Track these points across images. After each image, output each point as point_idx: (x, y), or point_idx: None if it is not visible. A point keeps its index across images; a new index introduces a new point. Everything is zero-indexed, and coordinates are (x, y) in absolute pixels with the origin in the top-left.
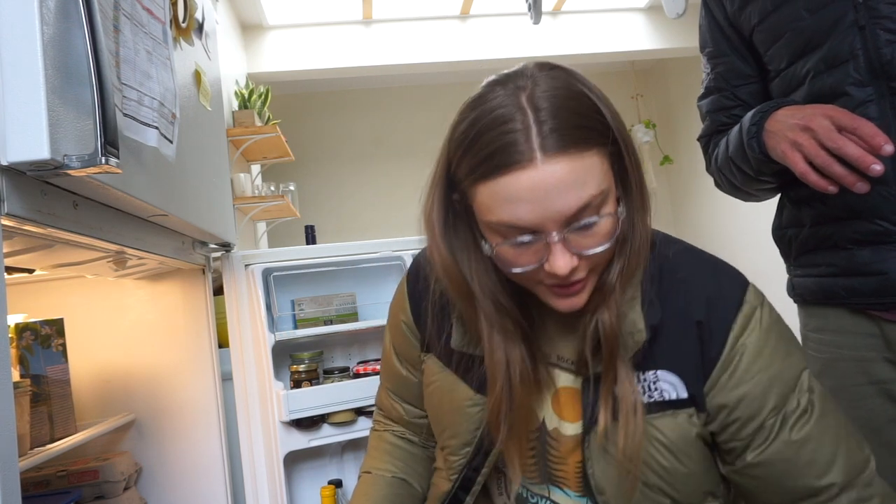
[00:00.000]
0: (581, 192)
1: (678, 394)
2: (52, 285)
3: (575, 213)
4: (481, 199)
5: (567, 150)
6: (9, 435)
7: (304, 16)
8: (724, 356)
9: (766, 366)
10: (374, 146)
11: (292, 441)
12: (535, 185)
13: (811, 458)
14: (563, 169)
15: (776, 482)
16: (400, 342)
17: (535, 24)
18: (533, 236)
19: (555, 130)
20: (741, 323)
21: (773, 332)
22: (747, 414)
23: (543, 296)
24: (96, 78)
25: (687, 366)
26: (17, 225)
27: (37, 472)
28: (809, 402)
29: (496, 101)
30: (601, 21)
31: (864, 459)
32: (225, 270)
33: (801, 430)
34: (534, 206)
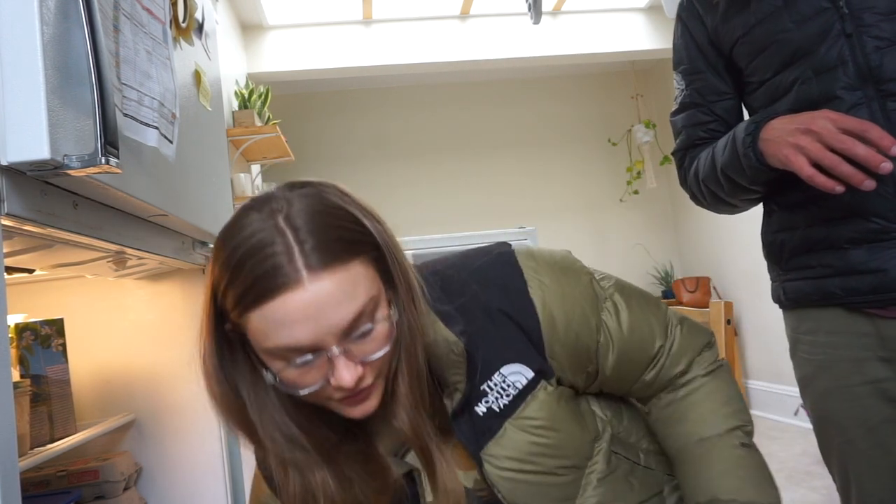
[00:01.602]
0: (352, 303)
1: (527, 376)
2: (52, 285)
3: (350, 324)
4: (255, 327)
5: (331, 265)
6: (9, 435)
7: (304, 16)
8: (542, 316)
9: (572, 299)
10: (373, 146)
11: None
12: (307, 304)
13: (641, 337)
14: (330, 284)
15: (630, 371)
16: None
17: (535, 24)
18: (314, 355)
19: (316, 248)
20: (532, 283)
21: (554, 270)
22: (586, 342)
23: (336, 409)
24: (96, 78)
25: (518, 349)
26: (17, 225)
27: (37, 472)
28: (615, 299)
29: (253, 226)
30: (601, 21)
31: (662, 309)
32: None
33: (623, 325)
34: (308, 325)
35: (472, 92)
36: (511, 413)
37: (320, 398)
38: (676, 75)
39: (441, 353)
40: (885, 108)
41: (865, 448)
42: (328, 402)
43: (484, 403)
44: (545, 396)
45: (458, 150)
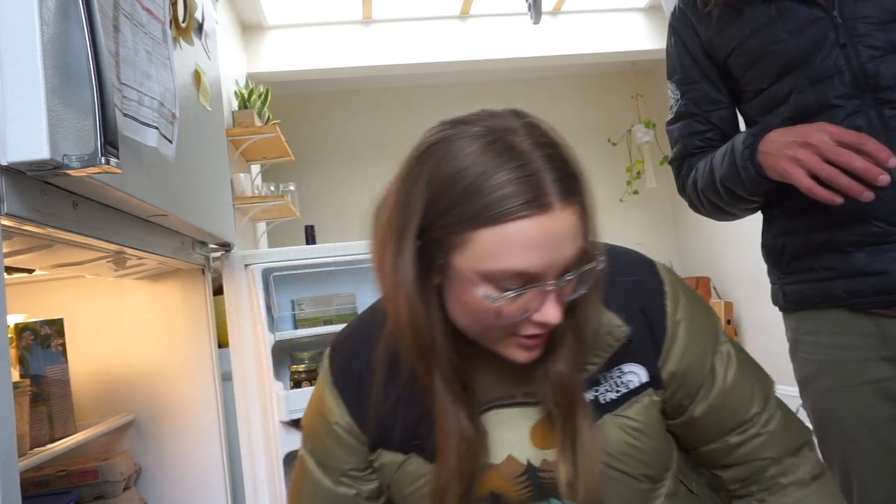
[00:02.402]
0: (578, 240)
1: (641, 380)
2: (52, 285)
3: (572, 261)
4: (481, 246)
5: (572, 199)
6: (9, 435)
7: (304, 16)
8: (669, 330)
9: (699, 329)
10: (373, 146)
11: (292, 441)
12: (550, 232)
13: (740, 397)
14: (571, 217)
15: (717, 425)
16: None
17: (535, 24)
18: (529, 286)
19: (564, 178)
20: (671, 298)
21: (691, 295)
22: (694, 376)
23: (504, 348)
24: (96, 78)
25: (642, 351)
26: (16, 225)
27: (36, 472)
28: (728, 349)
29: (484, 143)
30: (601, 21)
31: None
32: (225, 270)
33: (729, 376)
34: (544, 253)
35: (472, 92)
36: (613, 409)
37: (502, 332)
38: (671, 85)
39: (597, 329)
40: (882, 115)
41: (868, 447)
42: (503, 339)
43: (593, 392)
44: (649, 403)
45: None
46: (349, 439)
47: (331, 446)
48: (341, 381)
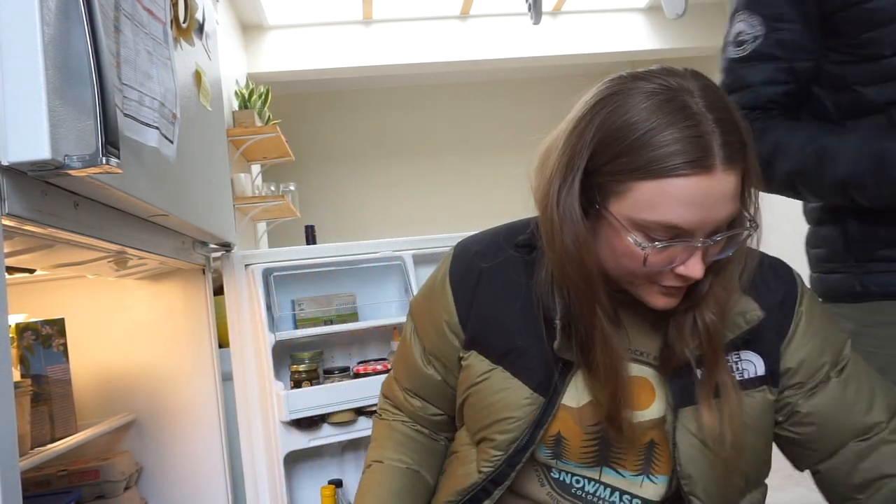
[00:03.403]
0: (733, 204)
1: (757, 371)
2: (53, 285)
3: (724, 223)
4: (640, 196)
5: (735, 163)
6: (9, 435)
7: (304, 16)
8: (791, 327)
9: (818, 330)
10: (373, 146)
11: (292, 441)
12: (709, 192)
13: (855, 398)
14: (731, 181)
15: (829, 426)
16: (435, 342)
17: (535, 25)
18: (679, 240)
19: (730, 142)
20: (800, 298)
21: (816, 301)
22: (808, 374)
23: (645, 293)
24: (97, 78)
25: (767, 343)
26: (17, 225)
27: (37, 471)
28: (850, 360)
29: (660, 99)
30: (601, 21)
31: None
32: (225, 270)
33: (842, 374)
34: (699, 213)
35: (472, 92)
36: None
37: (645, 278)
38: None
39: (733, 312)
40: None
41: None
42: (645, 284)
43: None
44: (762, 400)
45: (458, 149)
46: (448, 334)
47: (430, 332)
48: (458, 277)
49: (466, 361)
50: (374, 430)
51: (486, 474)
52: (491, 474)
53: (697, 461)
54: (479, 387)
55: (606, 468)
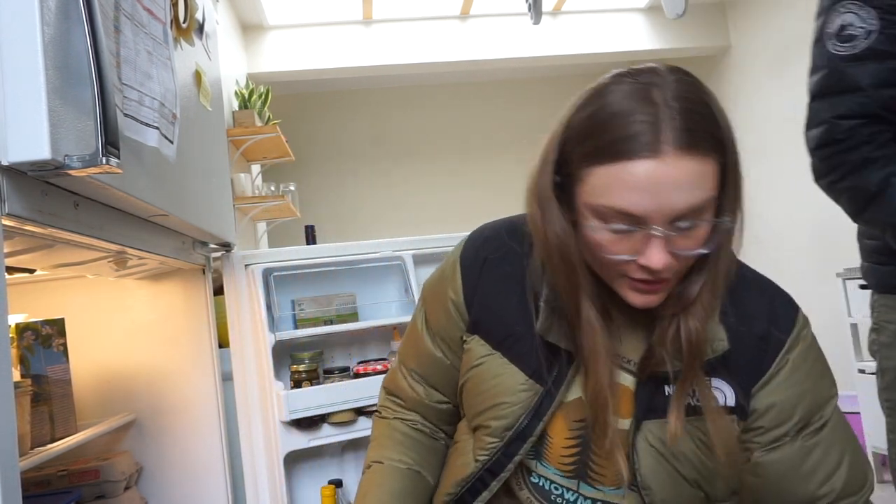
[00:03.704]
0: (694, 193)
1: (727, 402)
2: (53, 285)
3: (684, 212)
4: (597, 182)
5: (692, 151)
6: (9, 435)
7: (304, 16)
8: (772, 368)
9: (800, 380)
10: (373, 146)
11: (292, 441)
12: (657, 177)
13: (814, 467)
14: (685, 168)
15: (776, 486)
16: (441, 322)
17: (535, 25)
18: (636, 227)
19: (690, 130)
20: (790, 341)
21: (813, 352)
22: (773, 423)
23: (620, 288)
24: (97, 78)
25: (743, 377)
26: (17, 225)
27: (37, 471)
28: (828, 420)
29: (627, 90)
30: (601, 21)
31: (864, 479)
32: (225, 270)
33: (814, 437)
34: (649, 198)
35: (472, 92)
36: (690, 415)
37: (615, 271)
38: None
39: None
40: None
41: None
42: (618, 279)
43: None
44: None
45: (458, 149)
46: (454, 314)
47: (439, 312)
48: (467, 260)
49: (468, 345)
50: (374, 430)
51: (483, 463)
52: (487, 463)
53: (658, 474)
54: (476, 370)
55: (584, 484)
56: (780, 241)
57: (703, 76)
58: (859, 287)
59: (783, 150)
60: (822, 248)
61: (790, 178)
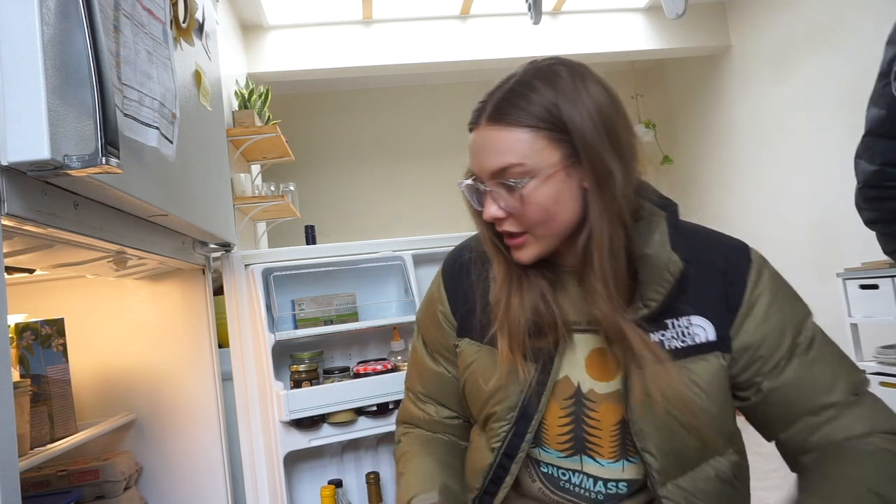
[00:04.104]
0: (503, 156)
1: (708, 336)
2: (53, 285)
3: (497, 171)
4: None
5: (498, 123)
6: (9, 435)
7: (304, 16)
8: (746, 301)
9: (780, 308)
10: (374, 146)
11: (292, 441)
12: (475, 142)
13: (816, 379)
14: (492, 135)
15: (789, 405)
16: (435, 336)
17: (535, 25)
18: (479, 184)
19: (496, 107)
20: (754, 274)
21: (780, 282)
22: (769, 351)
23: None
24: (96, 78)
25: (715, 310)
26: (17, 225)
27: (37, 471)
28: (814, 335)
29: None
30: (601, 21)
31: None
32: (225, 270)
33: (807, 355)
34: (476, 158)
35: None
36: (678, 358)
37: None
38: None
39: (655, 265)
40: None
41: None
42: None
43: (659, 335)
44: (715, 365)
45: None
46: (445, 324)
47: (431, 327)
48: (447, 271)
49: (460, 348)
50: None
51: (498, 449)
52: (502, 447)
53: (646, 416)
54: (472, 368)
55: (586, 457)
56: (780, 241)
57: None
58: (859, 287)
59: (783, 150)
60: (822, 248)
61: (790, 178)
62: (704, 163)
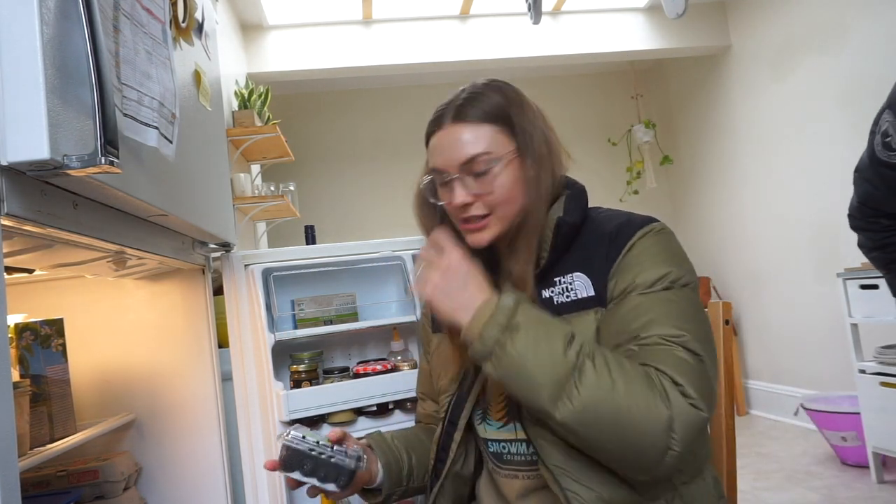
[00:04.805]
0: (470, 147)
1: (587, 292)
2: (52, 285)
3: (466, 160)
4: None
5: (462, 121)
6: (9, 435)
7: (304, 16)
8: (621, 255)
9: (645, 259)
10: (373, 146)
11: None
12: (440, 139)
13: (645, 314)
14: (458, 132)
15: (609, 329)
16: (424, 336)
17: (535, 25)
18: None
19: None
20: (639, 235)
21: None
22: (616, 292)
23: (465, 234)
24: (96, 78)
25: (595, 268)
26: (17, 225)
27: (37, 472)
28: (677, 295)
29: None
30: (601, 21)
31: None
32: (225, 270)
33: (656, 295)
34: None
35: None
36: (564, 312)
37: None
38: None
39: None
40: None
41: None
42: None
43: (549, 291)
44: (592, 319)
45: None
46: (426, 322)
47: (421, 333)
48: None
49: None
50: None
51: (444, 417)
52: (447, 416)
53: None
54: (434, 356)
55: (518, 424)
56: (780, 242)
57: (703, 76)
58: (859, 287)
59: (783, 150)
60: (822, 248)
61: (790, 178)
62: (704, 163)
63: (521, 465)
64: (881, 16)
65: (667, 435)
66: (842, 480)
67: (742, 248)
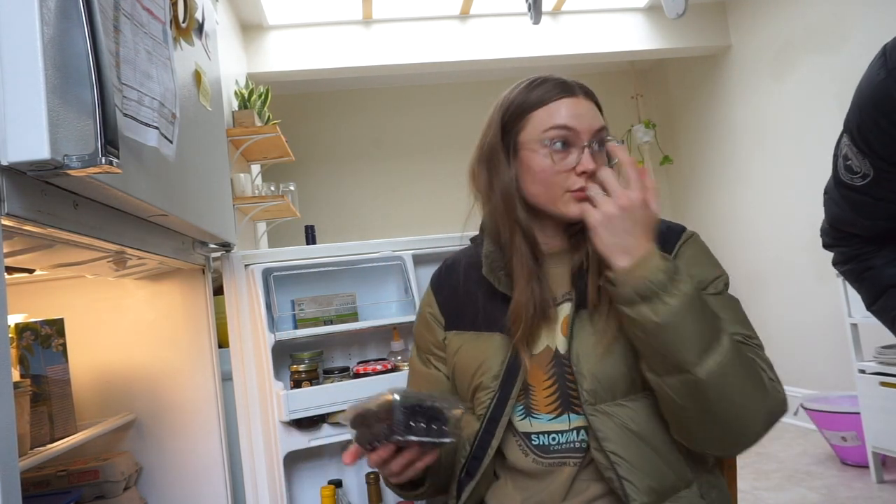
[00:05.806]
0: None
1: None
2: (53, 285)
3: (599, 129)
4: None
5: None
6: (9, 435)
7: (304, 16)
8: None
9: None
10: (373, 146)
11: (292, 441)
12: (578, 105)
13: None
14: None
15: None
16: (426, 338)
17: (535, 25)
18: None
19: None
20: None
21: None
22: None
23: (563, 205)
24: (96, 78)
25: None
26: (17, 225)
27: (37, 472)
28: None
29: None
30: (601, 21)
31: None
32: (225, 270)
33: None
34: (574, 119)
35: (472, 92)
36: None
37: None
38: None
39: None
40: None
41: None
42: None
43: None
44: None
45: (459, 149)
46: (434, 323)
47: (423, 332)
48: (435, 277)
49: (448, 341)
50: None
51: (484, 415)
52: (487, 413)
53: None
54: (459, 353)
55: (573, 414)
56: (780, 241)
57: (703, 76)
58: None
59: (783, 150)
60: (822, 248)
61: (790, 178)
62: (704, 163)
63: (571, 453)
64: (881, 16)
65: (766, 419)
66: (842, 480)
67: (742, 248)
